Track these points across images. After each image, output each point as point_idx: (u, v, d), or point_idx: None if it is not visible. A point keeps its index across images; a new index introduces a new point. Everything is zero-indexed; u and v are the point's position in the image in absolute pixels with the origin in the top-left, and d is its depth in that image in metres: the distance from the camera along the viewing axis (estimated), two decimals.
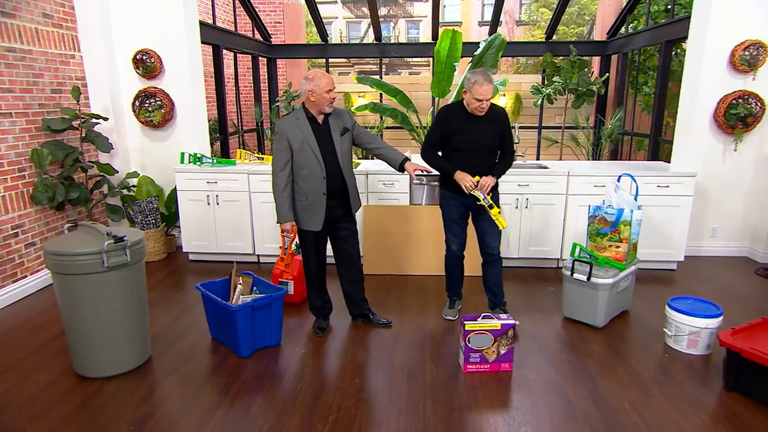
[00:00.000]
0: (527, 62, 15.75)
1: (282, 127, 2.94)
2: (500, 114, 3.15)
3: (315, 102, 2.90)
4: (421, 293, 3.90)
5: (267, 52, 8.05)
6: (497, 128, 3.11)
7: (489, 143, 3.10)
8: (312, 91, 2.88)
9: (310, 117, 2.97)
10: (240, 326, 2.81)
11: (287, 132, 2.92)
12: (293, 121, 2.96)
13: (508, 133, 3.18)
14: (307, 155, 2.93)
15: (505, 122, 3.15)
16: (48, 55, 4.17)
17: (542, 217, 4.29)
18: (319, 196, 2.98)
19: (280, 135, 2.93)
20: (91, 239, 2.54)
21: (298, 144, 2.92)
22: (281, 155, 2.93)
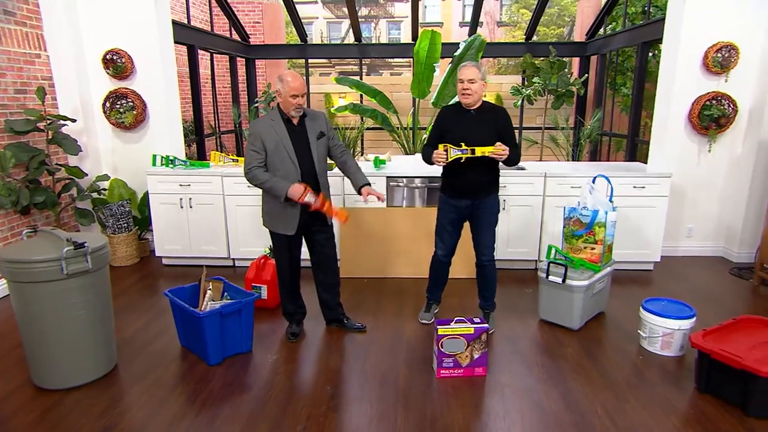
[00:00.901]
0: (508, 63, 15.86)
1: (256, 128, 2.88)
2: (498, 112, 3.06)
3: (283, 102, 2.85)
4: (397, 296, 3.87)
5: (245, 52, 7.96)
6: (493, 126, 2.98)
7: (482, 141, 2.89)
8: (279, 92, 2.84)
9: (286, 119, 2.91)
10: (208, 333, 2.74)
11: (261, 133, 2.86)
12: (268, 122, 2.90)
13: (510, 132, 3.03)
14: (281, 156, 2.86)
15: (502, 119, 3.03)
16: (10, 54, 4.04)
17: (520, 218, 4.29)
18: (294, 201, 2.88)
19: (254, 136, 2.86)
20: (50, 246, 2.45)
21: (272, 145, 2.85)
22: (254, 156, 2.85)
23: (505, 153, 2.88)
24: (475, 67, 2.94)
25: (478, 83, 2.92)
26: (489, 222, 3.16)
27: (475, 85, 2.92)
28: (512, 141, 3.02)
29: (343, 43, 15.32)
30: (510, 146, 2.94)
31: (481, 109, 3.03)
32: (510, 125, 3.07)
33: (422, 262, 4.19)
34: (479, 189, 3.08)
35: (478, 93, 2.95)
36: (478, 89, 2.94)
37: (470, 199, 3.10)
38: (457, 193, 3.11)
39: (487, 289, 3.34)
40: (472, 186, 3.07)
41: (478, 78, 2.91)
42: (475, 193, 3.09)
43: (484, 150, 2.89)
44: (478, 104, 3.01)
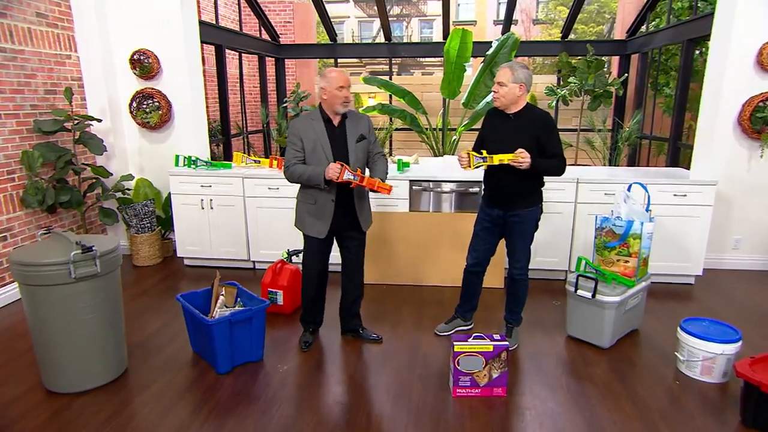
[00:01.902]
0: (543, 62, 15.38)
1: (296, 127, 2.83)
2: (538, 118, 2.80)
3: (328, 101, 2.77)
4: (417, 306, 3.72)
5: (274, 52, 7.95)
6: (531, 133, 2.75)
7: (515, 149, 2.69)
8: (324, 88, 2.76)
9: (326, 119, 2.83)
10: (217, 341, 2.67)
11: (301, 132, 2.81)
12: (308, 121, 2.84)
13: (550, 139, 2.77)
14: (318, 157, 2.79)
15: (542, 127, 2.77)
16: (41, 56, 4.11)
17: (550, 226, 4.07)
18: (328, 202, 2.84)
19: (293, 135, 2.82)
20: (60, 248, 2.43)
21: (311, 144, 2.80)
22: (293, 153, 2.81)
23: (525, 161, 2.67)
24: (508, 69, 2.73)
25: (508, 87, 2.72)
26: (522, 236, 2.94)
27: (504, 89, 2.74)
28: (553, 149, 2.79)
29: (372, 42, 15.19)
30: (549, 155, 2.76)
31: (521, 114, 2.81)
32: (550, 131, 2.80)
33: (447, 271, 4.05)
34: (512, 199, 2.88)
35: (507, 97, 2.75)
36: (507, 93, 2.74)
37: (502, 209, 2.93)
38: (490, 201, 2.98)
39: (514, 303, 3.16)
40: (504, 195, 2.89)
41: (509, 81, 2.71)
42: (506, 202, 2.90)
43: (502, 158, 2.71)
44: (518, 108, 2.80)
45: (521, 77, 2.72)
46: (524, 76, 2.73)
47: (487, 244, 3.07)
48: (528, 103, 2.83)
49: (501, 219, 2.95)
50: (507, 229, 2.97)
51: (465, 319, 3.34)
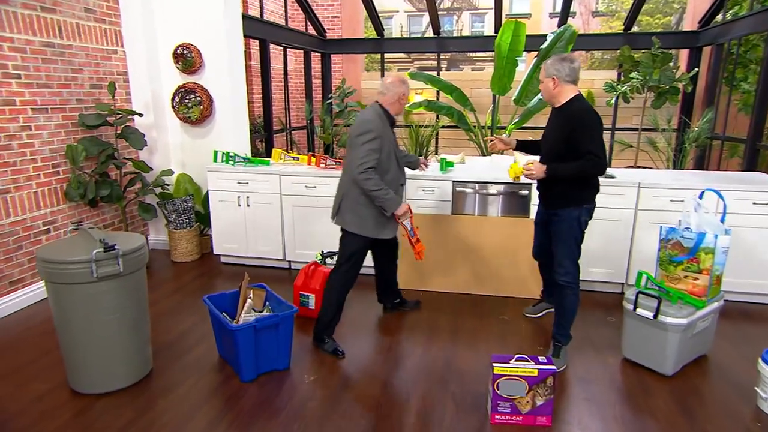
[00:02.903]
0: (603, 57, 14.56)
1: (377, 126, 2.78)
2: (572, 112, 2.64)
3: (399, 108, 2.91)
4: (456, 315, 3.49)
5: (320, 46, 7.87)
6: (565, 129, 2.64)
7: (549, 146, 2.80)
8: (404, 94, 2.87)
9: (391, 121, 2.91)
10: (241, 348, 2.56)
11: (381, 133, 2.78)
12: (381, 122, 2.82)
13: (582, 135, 2.57)
14: (391, 160, 2.86)
15: (575, 122, 2.59)
16: (89, 50, 4.16)
17: (605, 234, 3.72)
18: None
19: (375, 134, 2.75)
20: (85, 246, 2.38)
21: (387, 147, 2.82)
22: (374, 155, 2.74)
23: (534, 174, 2.68)
24: (543, 65, 2.76)
25: (543, 83, 2.75)
26: (561, 237, 2.82)
27: (541, 86, 2.80)
28: (582, 147, 2.58)
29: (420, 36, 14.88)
30: (581, 153, 2.57)
31: (562, 109, 2.75)
32: (582, 127, 2.59)
33: (491, 279, 3.80)
34: (547, 198, 2.90)
35: (544, 93, 2.79)
36: (543, 90, 2.78)
37: (543, 206, 2.99)
38: (538, 198, 3.04)
39: (561, 316, 2.90)
40: (543, 193, 2.94)
41: (543, 77, 2.74)
42: (545, 201, 2.95)
43: (516, 170, 2.80)
44: (561, 103, 2.74)
45: (552, 71, 2.67)
46: (555, 68, 2.65)
47: (541, 236, 3.10)
48: (573, 98, 2.68)
49: (545, 217, 2.96)
50: (550, 227, 2.91)
51: (551, 302, 3.33)
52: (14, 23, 3.51)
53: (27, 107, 3.63)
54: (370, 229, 2.89)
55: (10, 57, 3.49)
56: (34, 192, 3.71)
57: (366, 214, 2.86)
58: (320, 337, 3.01)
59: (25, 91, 3.61)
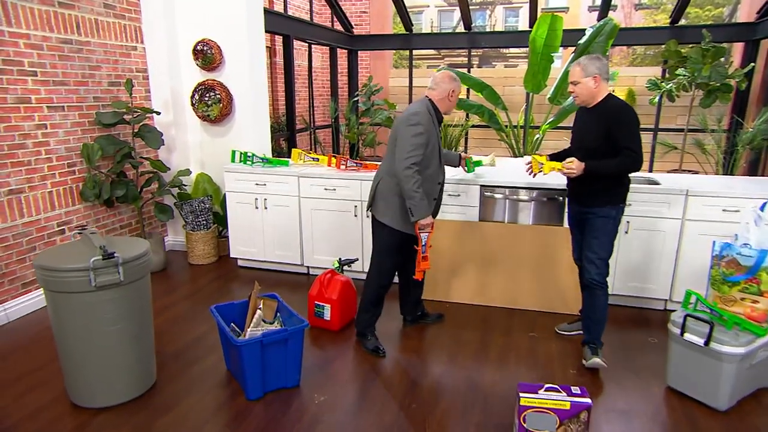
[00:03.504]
0: (646, 52, 13.92)
1: (426, 121, 2.73)
2: (609, 109, 2.64)
3: (450, 105, 2.85)
4: (483, 331, 3.27)
5: (347, 43, 7.71)
6: (603, 125, 2.62)
7: (588, 145, 2.72)
8: (454, 91, 2.82)
9: (439, 117, 2.86)
10: (247, 364, 2.41)
11: (428, 128, 2.74)
12: (429, 116, 2.77)
13: (620, 131, 2.59)
14: (434, 156, 2.81)
15: (613, 118, 2.61)
16: (107, 47, 4.11)
17: (647, 245, 3.43)
18: (430, 200, 2.84)
19: (424, 128, 2.71)
20: (85, 252, 2.27)
21: (433, 143, 2.78)
22: (419, 150, 2.70)
23: (572, 171, 2.64)
24: (578, 65, 2.66)
25: (582, 83, 2.66)
26: (595, 235, 2.76)
27: (579, 87, 2.68)
28: (623, 142, 2.58)
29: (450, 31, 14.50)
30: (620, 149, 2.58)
31: (598, 106, 2.71)
32: (621, 122, 2.60)
33: (521, 292, 3.56)
34: (583, 195, 2.81)
35: (584, 94, 2.69)
36: (582, 90, 2.68)
37: (578, 205, 2.88)
38: (570, 196, 2.98)
39: (591, 320, 2.82)
40: (578, 191, 2.84)
41: (581, 78, 2.65)
42: (579, 199, 2.85)
43: (553, 166, 2.78)
44: (597, 101, 2.70)
45: (593, 69, 2.63)
46: (596, 66, 2.63)
47: (579, 237, 2.96)
48: (609, 94, 2.70)
49: (579, 216, 2.89)
50: (583, 226, 2.85)
51: None
52: (31, 19, 3.46)
53: (43, 105, 3.59)
54: (398, 221, 2.82)
55: (27, 54, 3.45)
56: (48, 192, 3.67)
57: (398, 206, 2.81)
58: (362, 332, 3.05)
59: (41, 88, 3.57)
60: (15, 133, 3.41)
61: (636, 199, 3.37)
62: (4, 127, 3.34)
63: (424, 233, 2.76)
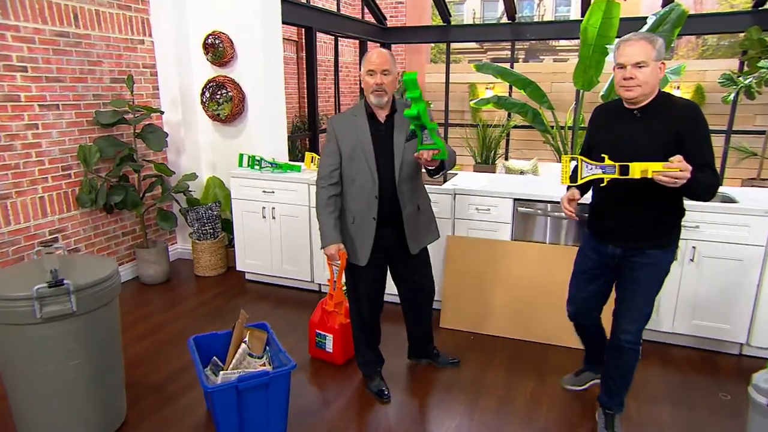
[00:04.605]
0: (719, 43, 12.82)
1: (332, 125, 2.41)
2: (681, 110, 1.98)
3: (365, 89, 2.32)
4: (512, 369, 2.84)
5: (379, 36, 7.36)
6: (669, 134, 1.95)
7: (647, 157, 1.89)
8: (363, 74, 2.29)
9: (370, 113, 2.37)
10: (219, 413, 2.09)
11: (337, 131, 2.38)
12: (348, 118, 2.40)
13: (700, 141, 1.96)
14: (358, 165, 2.36)
15: (689, 123, 1.96)
16: (110, 40, 3.91)
17: (720, 277, 2.90)
18: (368, 220, 2.39)
19: (329, 135, 2.41)
20: (35, 276, 2.01)
21: (349, 148, 2.35)
22: (327, 161, 2.39)
23: (684, 174, 1.80)
24: (645, 41, 1.91)
25: (650, 67, 1.91)
26: (647, 288, 2.13)
27: (645, 71, 1.91)
28: (703, 158, 1.94)
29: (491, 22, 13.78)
30: (697, 165, 1.85)
31: (653, 107, 2.00)
32: (702, 133, 1.97)
33: (558, 326, 3.09)
34: (634, 232, 2.10)
35: (650, 83, 1.93)
36: (649, 77, 1.92)
37: (618, 246, 2.16)
38: (603, 235, 2.22)
39: (618, 380, 2.26)
40: (622, 225, 2.12)
41: (651, 59, 1.90)
42: (625, 237, 2.13)
43: (646, 168, 1.84)
44: (646, 100, 2.00)
45: (663, 50, 1.93)
46: (664, 47, 1.95)
47: (590, 289, 2.34)
48: (661, 91, 2.02)
49: (615, 261, 2.19)
50: (623, 274, 2.19)
51: (596, 372, 2.60)
52: (20, 10, 3.28)
53: (34, 103, 3.41)
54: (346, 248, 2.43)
55: (15, 47, 3.27)
56: (39, 197, 3.49)
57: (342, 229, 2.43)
58: (365, 373, 2.71)
59: (32, 85, 3.39)
60: (1, 134, 3.24)
61: (705, 220, 2.85)
62: None
63: (334, 266, 2.38)
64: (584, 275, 2.32)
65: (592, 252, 2.26)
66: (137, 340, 3.20)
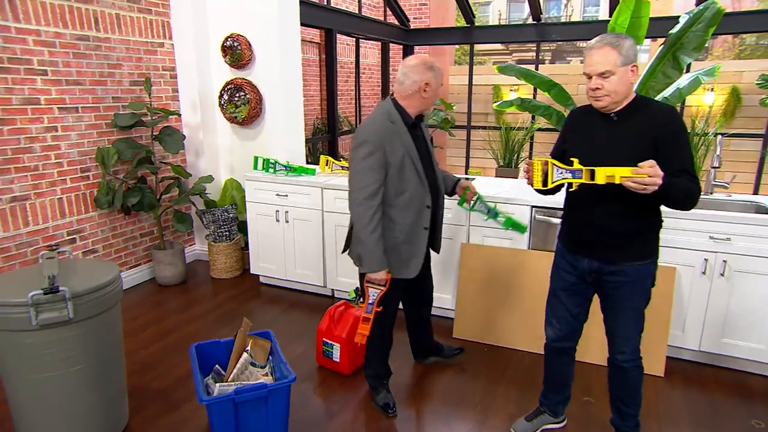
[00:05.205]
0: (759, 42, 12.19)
1: (378, 136, 2.13)
2: (659, 114, 1.85)
3: (427, 100, 2.20)
4: (525, 384, 2.69)
5: (401, 37, 7.23)
6: (648, 136, 1.82)
7: (622, 158, 1.77)
8: (429, 84, 2.15)
9: (408, 120, 2.22)
10: (217, 425, 2.02)
11: (385, 143, 2.14)
12: (388, 126, 2.17)
13: (678, 147, 1.82)
14: (408, 175, 2.19)
15: (667, 127, 1.82)
16: (130, 44, 3.91)
17: (751, 293, 2.68)
18: (419, 231, 2.29)
19: (374, 147, 2.12)
20: (31, 282, 1.97)
21: (398, 159, 2.16)
22: (374, 176, 2.13)
23: (654, 180, 1.66)
24: (609, 46, 1.77)
25: (617, 75, 1.78)
26: (631, 305, 1.98)
27: (612, 80, 1.78)
28: (681, 164, 1.80)
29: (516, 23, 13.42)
30: (673, 171, 1.75)
31: (631, 110, 1.87)
32: (680, 137, 1.83)
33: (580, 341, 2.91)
34: (610, 242, 1.92)
35: (619, 91, 1.80)
36: (616, 85, 1.79)
37: (594, 259, 1.98)
38: (577, 246, 2.03)
39: (627, 400, 2.10)
40: (598, 236, 1.94)
41: (617, 66, 1.76)
42: (603, 249, 1.95)
43: (612, 173, 1.71)
44: (621, 105, 1.87)
45: (632, 52, 1.79)
46: (634, 51, 1.80)
47: (573, 308, 2.13)
48: (638, 95, 1.88)
49: (594, 276, 2.01)
50: (604, 293, 2.03)
51: (555, 414, 2.35)
52: (42, 14, 3.30)
53: (53, 106, 3.43)
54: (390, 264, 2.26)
55: (36, 52, 3.29)
56: (58, 198, 3.51)
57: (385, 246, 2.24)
58: (372, 386, 2.58)
59: (52, 88, 3.41)
60: (20, 136, 3.25)
61: (737, 232, 2.64)
62: (8, 130, 3.19)
63: (373, 289, 2.21)
64: (564, 292, 2.12)
65: (569, 266, 2.08)
66: (148, 343, 3.17)
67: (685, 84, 4.81)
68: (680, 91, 4.73)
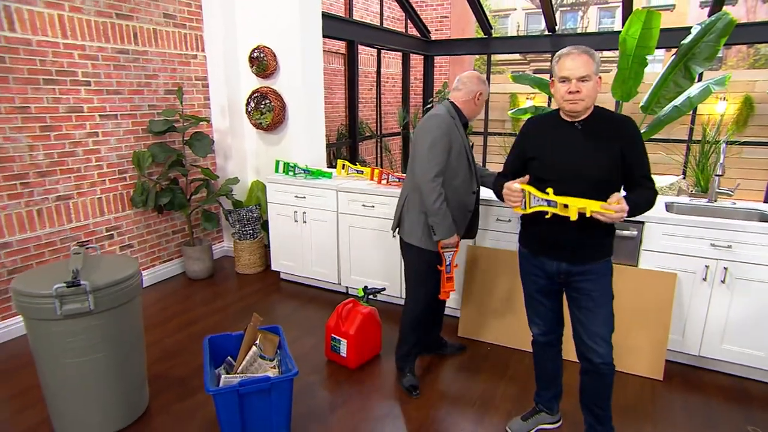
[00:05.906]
0: None
1: (446, 125, 2.35)
2: (623, 126, 1.85)
3: (476, 109, 2.49)
4: (525, 383, 2.60)
5: (422, 48, 7.16)
6: (614, 148, 1.81)
7: (594, 172, 1.80)
8: (482, 94, 2.45)
9: (462, 120, 2.45)
10: (222, 416, 2.01)
11: (450, 131, 2.36)
12: (451, 120, 2.39)
13: (639, 155, 1.84)
14: (461, 162, 2.42)
15: (629, 137, 1.83)
16: (165, 56, 3.98)
17: (754, 300, 2.53)
18: (465, 213, 2.47)
19: (442, 133, 2.33)
20: (58, 275, 2.01)
21: (458, 147, 2.39)
22: (442, 157, 2.33)
23: (621, 215, 1.69)
24: (587, 54, 1.79)
25: (592, 81, 1.78)
26: (599, 298, 1.91)
27: (588, 85, 1.78)
28: (642, 169, 1.85)
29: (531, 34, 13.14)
30: (639, 183, 1.84)
31: (592, 120, 1.85)
32: (642, 146, 1.85)
33: None
34: (582, 247, 1.88)
35: (591, 96, 1.80)
36: (591, 91, 1.79)
37: (563, 260, 1.92)
38: (544, 249, 1.96)
39: (603, 403, 2.01)
40: (570, 240, 1.87)
41: (593, 73, 1.78)
42: (571, 251, 1.89)
43: (585, 206, 1.70)
44: (586, 114, 1.85)
45: (599, 65, 1.83)
46: (599, 62, 1.84)
47: (552, 305, 2.08)
48: (596, 106, 1.86)
49: (563, 277, 1.94)
50: (575, 293, 1.95)
51: (551, 411, 2.27)
52: (87, 31, 3.37)
53: (95, 114, 3.51)
54: (428, 240, 2.42)
55: (81, 65, 3.37)
56: (98, 198, 3.59)
57: (425, 223, 2.42)
58: (400, 367, 2.66)
59: (94, 98, 3.48)
60: (65, 141, 3.34)
61: (739, 240, 2.49)
62: (55, 135, 3.28)
63: (447, 252, 2.33)
64: (539, 293, 2.05)
65: (537, 270, 2.00)
66: (173, 332, 3.21)
67: (695, 93, 4.60)
68: (690, 99, 4.54)
